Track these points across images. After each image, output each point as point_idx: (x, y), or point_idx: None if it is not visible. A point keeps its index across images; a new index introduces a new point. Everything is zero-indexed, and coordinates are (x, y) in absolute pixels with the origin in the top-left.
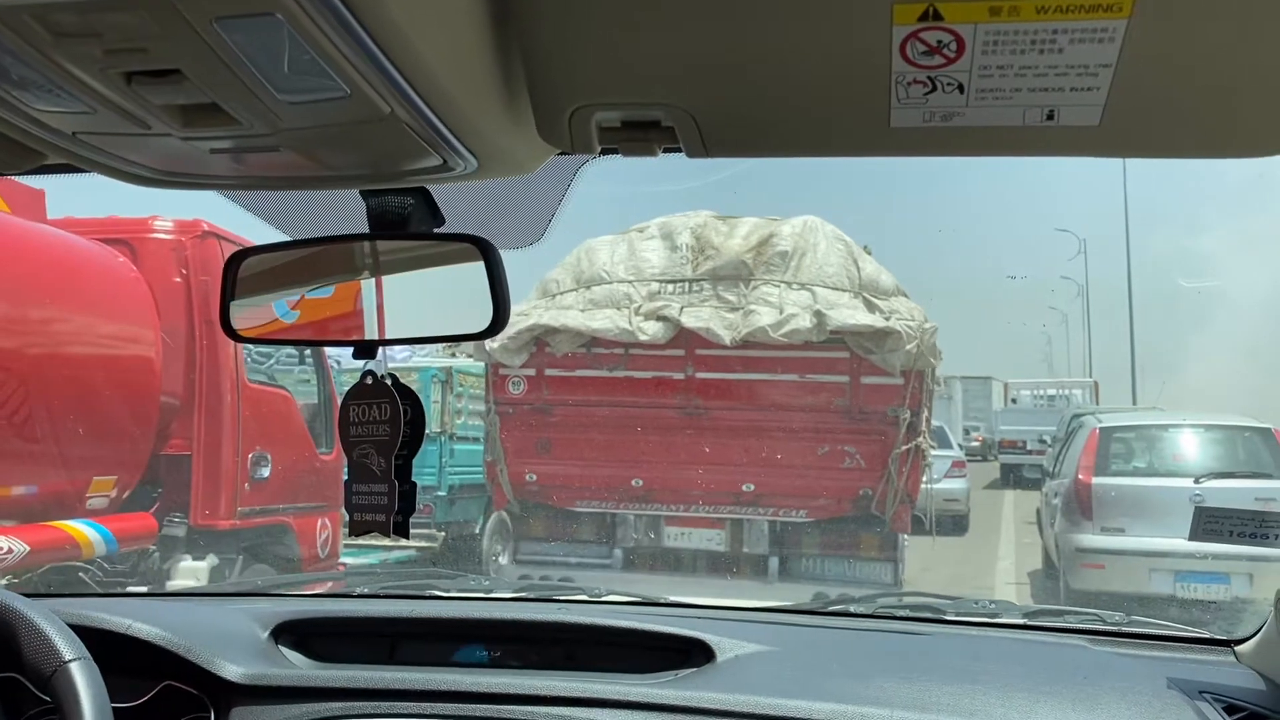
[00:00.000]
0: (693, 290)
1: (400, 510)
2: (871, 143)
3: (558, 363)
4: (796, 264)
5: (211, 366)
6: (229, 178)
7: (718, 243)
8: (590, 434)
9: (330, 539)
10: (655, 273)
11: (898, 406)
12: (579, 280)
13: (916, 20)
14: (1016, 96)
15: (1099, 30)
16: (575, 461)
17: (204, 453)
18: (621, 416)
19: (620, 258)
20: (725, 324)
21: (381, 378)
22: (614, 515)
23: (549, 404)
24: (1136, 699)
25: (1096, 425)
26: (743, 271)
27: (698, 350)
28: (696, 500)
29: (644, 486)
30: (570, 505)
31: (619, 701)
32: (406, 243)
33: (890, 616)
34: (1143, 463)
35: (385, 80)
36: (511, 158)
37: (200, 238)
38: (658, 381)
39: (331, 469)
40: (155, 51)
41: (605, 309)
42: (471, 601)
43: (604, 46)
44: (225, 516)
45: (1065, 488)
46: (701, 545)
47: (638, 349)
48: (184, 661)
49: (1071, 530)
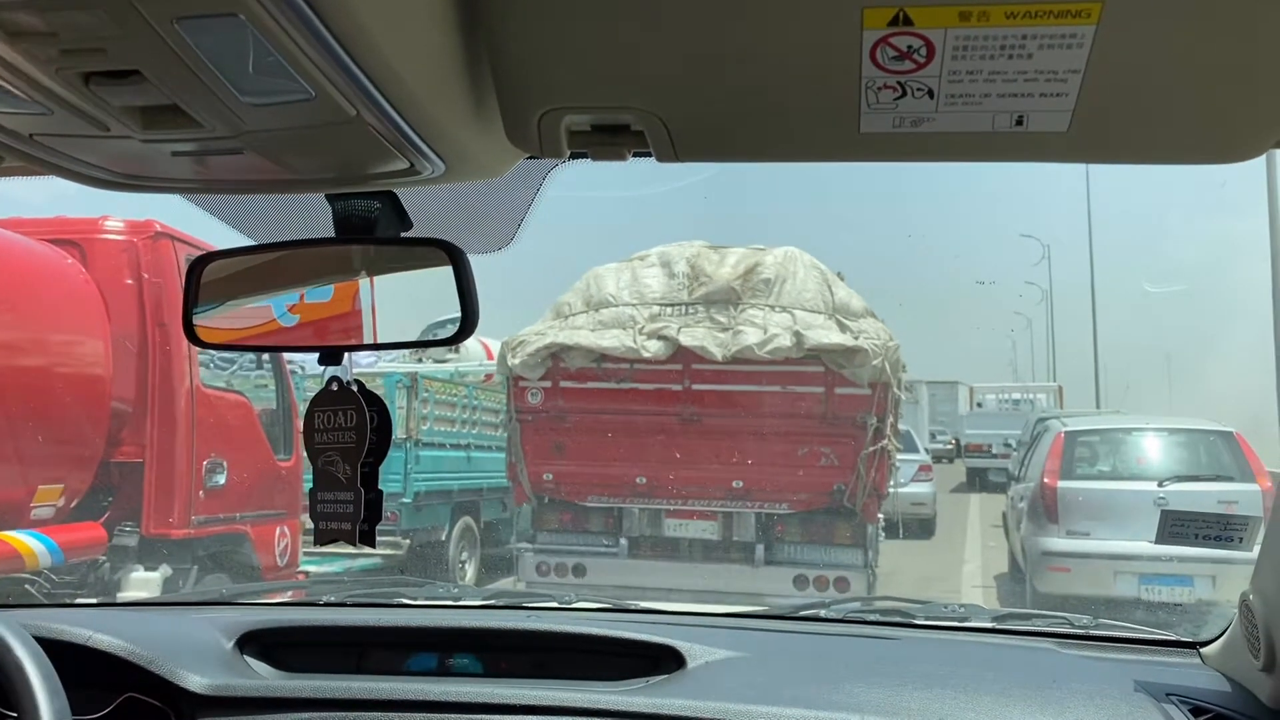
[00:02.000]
0: (689, 313)
1: (366, 519)
2: (841, 148)
3: (571, 376)
4: (778, 290)
5: (164, 371)
6: (191, 181)
7: (710, 270)
8: (600, 438)
9: (289, 548)
10: (656, 297)
11: (866, 413)
12: (589, 303)
13: (886, 25)
14: (986, 102)
15: (1068, 36)
16: (586, 462)
17: (156, 460)
18: (627, 423)
19: (625, 283)
20: (717, 342)
21: (347, 384)
22: (620, 509)
23: (564, 412)
24: (1104, 702)
25: (1062, 429)
26: (732, 296)
27: (693, 365)
28: (692, 495)
29: (647, 484)
30: (582, 500)
31: (589, 709)
32: (374, 247)
33: (860, 621)
34: (1107, 466)
35: (350, 82)
36: (479, 161)
37: (153, 238)
38: (659, 392)
39: (291, 476)
40: (114, 52)
41: (613, 329)
42: (439, 610)
43: (573, 50)
44: (179, 525)
45: (1031, 491)
46: (697, 535)
47: (641, 364)
48: (146, 673)
49: (1037, 534)
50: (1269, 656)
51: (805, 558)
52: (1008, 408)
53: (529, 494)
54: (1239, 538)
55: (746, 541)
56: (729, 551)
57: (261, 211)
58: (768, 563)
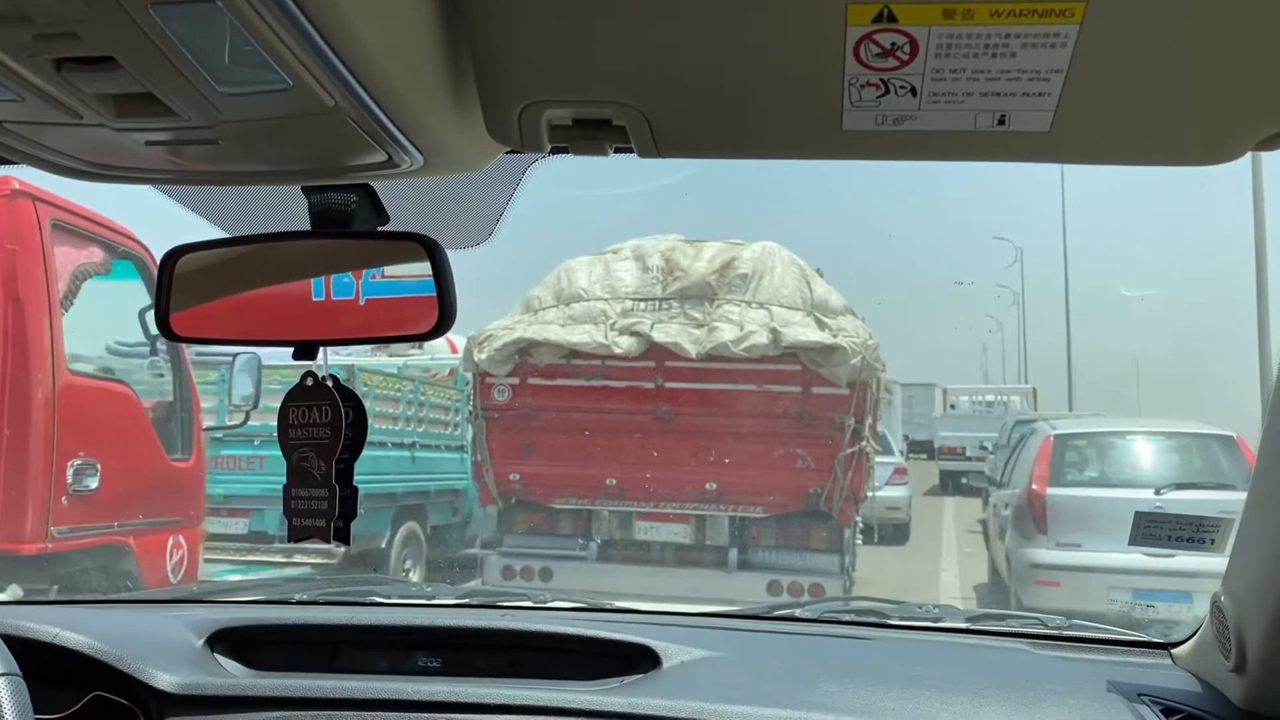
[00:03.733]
0: (662, 308)
1: (341, 515)
2: (824, 145)
3: (540, 372)
4: (755, 285)
5: (18, 354)
6: (166, 172)
7: (685, 265)
8: (569, 437)
9: (185, 560)
10: (629, 291)
11: (844, 414)
12: (559, 298)
13: (871, 22)
14: (968, 101)
15: (1051, 35)
16: (555, 462)
17: (5, 459)
18: (598, 422)
19: (597, 277)
20: (691, 339)
21: (322, 379)
22: (590, 511)
23: (532, 410)
24: (1077, 702)
25: (1050, 432)
26: (707, 292)
27: (667, 362)
28: (664, 497)
29: (617, 485)
30: (550, 502)
31: (565, 709)
32: (351, 241)
33: (836, 621)
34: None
35: (329, 72)
36: (459, 155)
37: (9, 198)
38: (631, 390)
39: (190, 479)
40: (88, 37)
41: (584, 324)
42: (413, 608)
43: (555, 42)
44: (32, 538)
45: (1017, 499)
46: (669, 538)
47: (613, 361)
48: (114, 671)
49: (1024, 545)
50: (1240, 657)
51: (780, 563)
52: (981, 409)
53: (495, 495)
54: (1211, 539)
55: (719, 545)
56: (701, 555)
57: (235, 203)
58: (741, 567)
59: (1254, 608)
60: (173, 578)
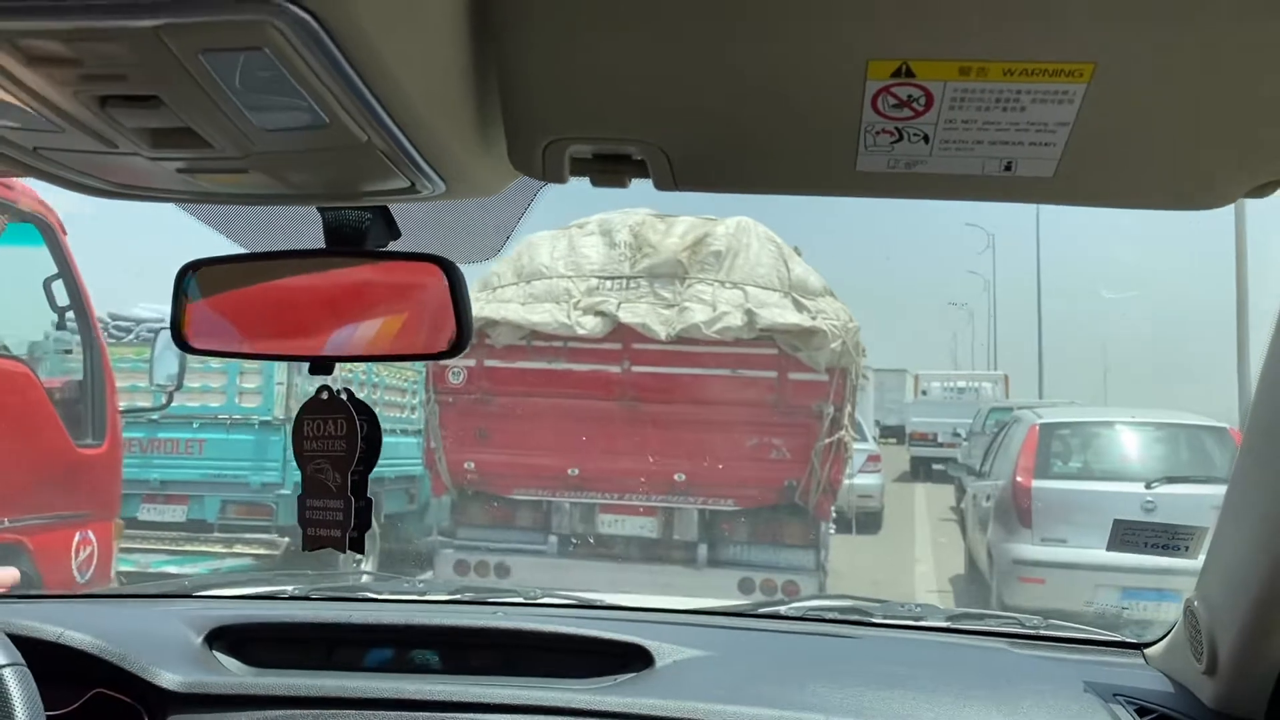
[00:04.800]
0: (630, 287)
1: (356, 526)
2: (836, 184)
3: (497, 354)
4: (729, 263)
5: None
6: (189, 193)
7: (655, 241)
8: (528, 424)
9: (94, 557)
10: (594, 269)
11: (822, 402)
12: (519, 274)
13: (890, 76)
14: (978, 149)
15: (1059, 92)
16: (513, 451)
17: None
18: (559, 407)
19: (560, 253)
20: (661, 320)
21: (337, 393)
22: (550, 503)
23: (488, 394)
24: (1055, 702)
25: (1036, 421)
26: (678, 270)
27: (634, 345)
28: (630, 489)
29: (580, 475)
30: (507, 493)
31: (562, 709)
32: (366, 259)
33: (819, 619)
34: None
35: (365, 110)
36: (479, 182)
37: None
38: (595, 374)
39: (101, 467)
40: (135, 79)
41: (545, 303)
42: (407, 604)
43: (581, 83)
44: None
45: (1000, 491)
46: (634, 532)
47: (576, 342)
48: (116, 669)
49: (1007, 539)
50: (1211, 660)
51: (752, 558)
52: (952, 396)
53: (448, 484)
54: (1185, 546)
55: (688, 540)
56: (669, 551)
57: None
58: (711, 564)
59: (1226, 612)
60: (79, 577)
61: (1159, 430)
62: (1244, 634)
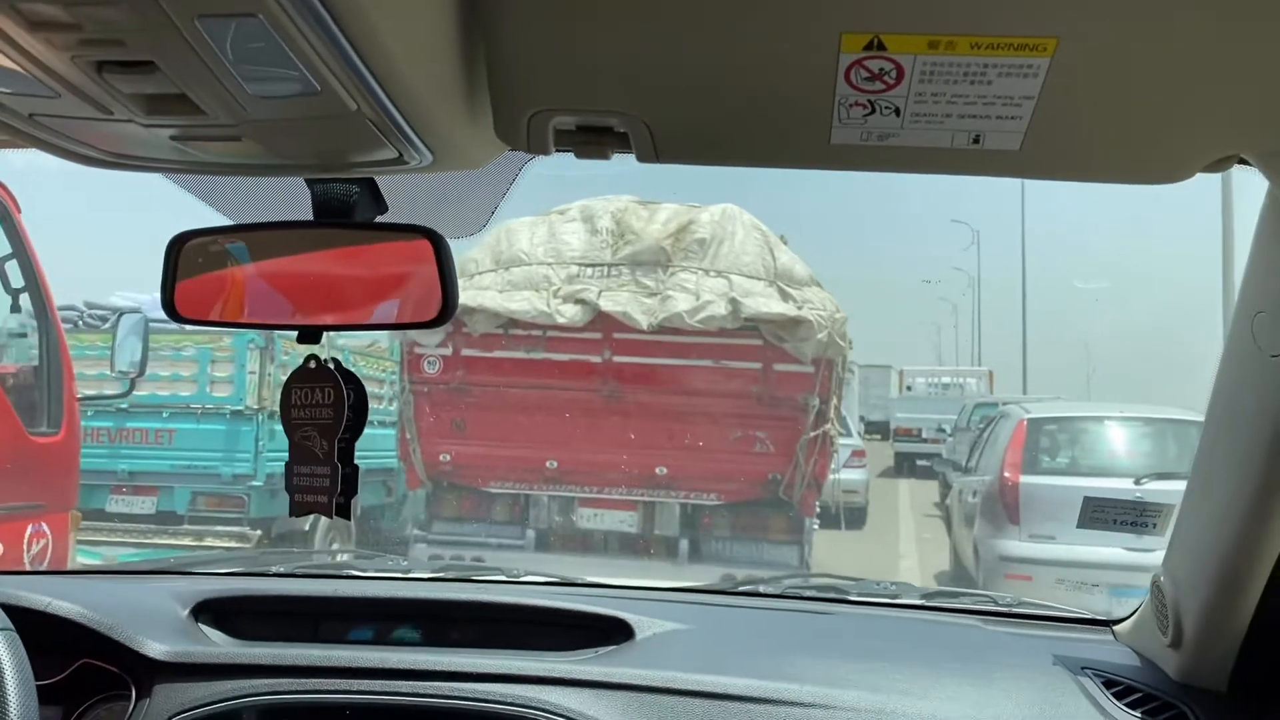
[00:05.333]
0: (611, 274)
1: (343, 492)
2: (812, 157)
3: (474, 343)
4: (714, 251)
5: None
6: (179, 163)
7: (637, 228)
8: (506, 415)
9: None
10: (575, 256)
11: (808, 394)
12: (498, 261)
13: (862, 49)
14: (947, 122)
15: (1024, 66)
16: (490, 442)
17: None
18: (537, 398)
19: (540, 239)
20: (643, 309)
21: (325, 362)
22: (528, 496)
23: (465, 384)
24: (1025, 674)
25: (1024, 416)
26: (661, 257)
27: (615, 334)
28: (610, 482)
29: (558, 468)
30: (484, 485)
31: (543, 678)
32: (354, 231)
33: (798, 596)
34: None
35: (356, 79)
36: (466, 153)
37: None
38: (575, 364)
39: (57, 456)
40: (132, 44)
41: (523, 290)
42: (391, 581)
43: (565, 55)
44: None
45: (987, 486)
46: (614, 527)
47: (555, 331)
48: (104, 639)
49: (994, 535)
50: (1176, 633)
51: (734, 554)
52: (937, 391)
53: (423, 477)
54: (1153, 523)
55: (669, 536)
56: (649, 546)
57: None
58: (692, 559)
59: (1190, 587)
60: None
61: (1148, 425)
62: (1207, 608)
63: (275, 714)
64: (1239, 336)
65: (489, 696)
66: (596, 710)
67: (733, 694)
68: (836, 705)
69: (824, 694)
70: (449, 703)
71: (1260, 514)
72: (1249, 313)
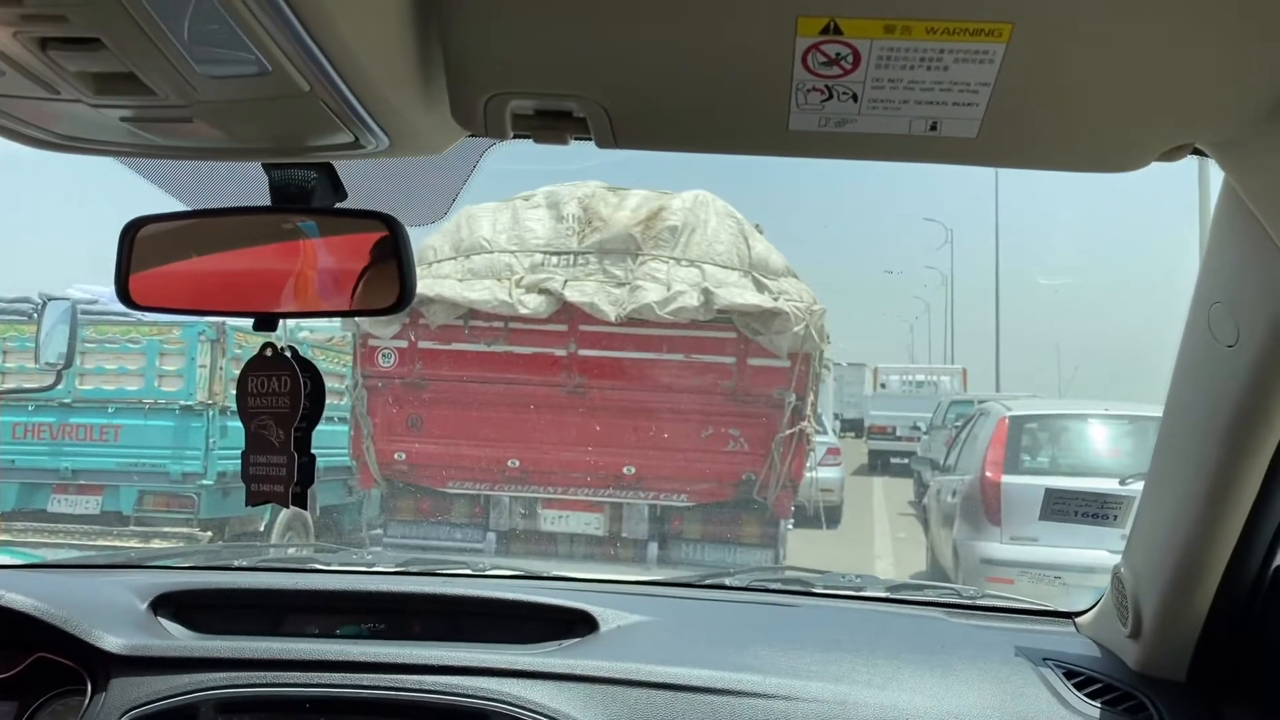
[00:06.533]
0: (578, 263)
1: (299, 482)
2: (770, 143)
3: (432, 335)
4: (686, 240)
5: None
6: (133, 146)
7: (606, 214)
8: (465, 411)
9: None
10: (539, 243)
11: (784, 390)
12: (458, 248)
13: (819, 33)
14: (904, 108)
15: (980, 52)
16: (448, 440)
17: None
18: (499, 394)
19: (503, 226)
20: (610, 299)
21: (281, 350)
22: (488, 497)
23: (422, 379)
24: (987, 666)
25: (1005, 413)
26: (630, 245)
27: (581, 326)
28: (575, 482)
29: (520, 467)
30: (442, 486)
31: (505, 670)
32: (311, 217)
33: (763, 589)
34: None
35: (306, 58)
36: (424, 138)
37: None
38: (538, 357)
39: None
40: (76, 20)
41: (484, 279)
42: (355, 575)
43: (521, 38)
44: None
45: (966, 486)
46: (579, 529)
47: (518, 323)
48: (59, 633)
49: (974, 537)
50: (1135, 624)
51: (706, 558)
52: (911, 389)
53: (377, 477)
54: (1114, 515)
55: (637, 538)
56: (616, 549)
57: (195, 177)
58: (661, 563)
59: (1149, 579)
60: None
61: (1132, 424)
62: (1165, 598)
63: (234, 707)
64: (1195, 328)
65: (450, 689)
66: (559, 702)
67: (695, 685)
68: (799, 696)
69: (787, 685)
70: (410, 695)
71: (1216, 504)
72: (1205, 304)
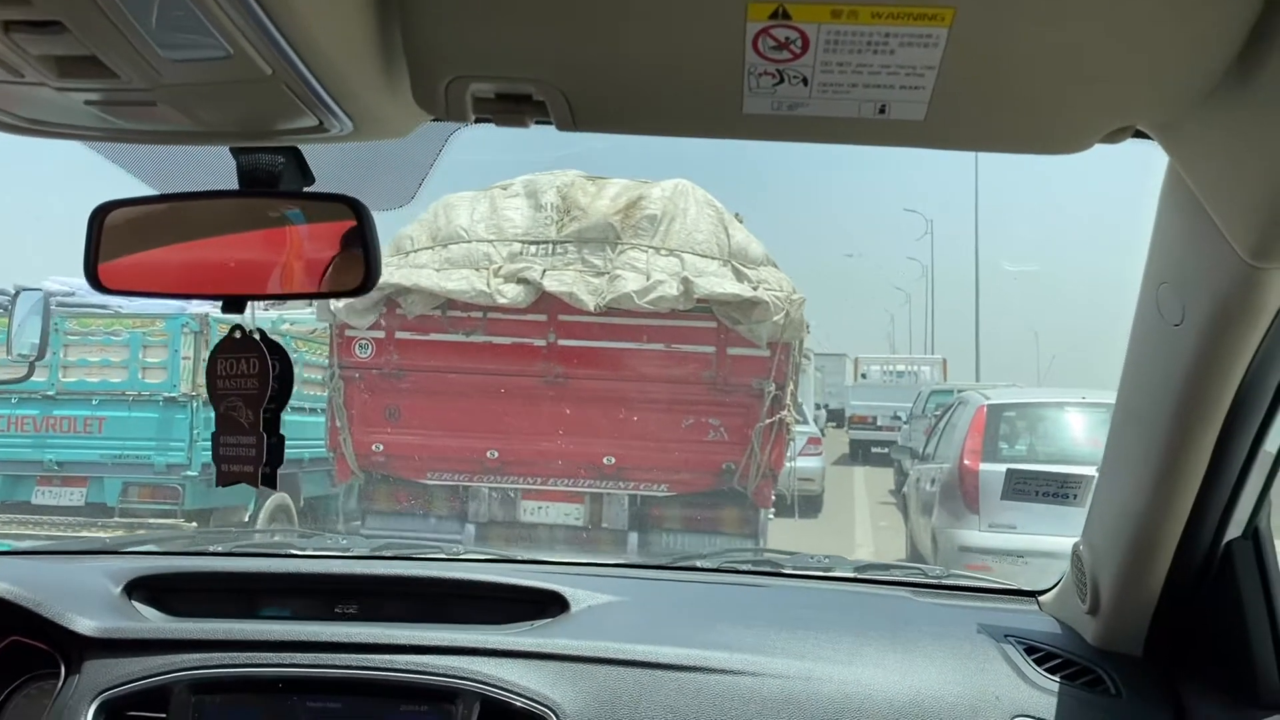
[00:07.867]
0: (556, 252)
1: (268, 462)
2: (725, 127)
3: (409, 325)
4: (665, 229)
5: None
6: (98, 130)
7: (584, 203)
8: (443, 402)
9: None
10: (518, 232)
11: (763, 379)
12: (435, 238)
13: (768, 18)
14: (854, 91)
15: (924, 36)
16: (426, 431)
17: None
18: (477, 384)
19: (481, 215)
20: (589, 289)
21: (250, 332)
22: (467, 488)
23: (399, 369)
24: (949, 642)
25: (983, 402)
26: (609, 234)
27: (560, 316)
28: (554, 473)
29: (499, 458)
30: (420, 478)
31: (477, 649)
32: (278, 200)
33: (734, 570)
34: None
35: (267, 41)
36: (387, 122)
37: None
38: (517, 348)
39: None
40: (38, 2)
41: (462, 269)
42: (330, 559)
43: (481, 21)
44: None
45: (945, 474)
46: (559, 520)
47: (496, 313)
48: (33, 616)
49: (953, 525)
50: (1094, 600)
51: (685, 548)
52: (892, 379)
53: (354, 468)
54: (1074, 494)
55: (617, 529)
56: (596, 540)
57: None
58: (641, 554)
59: (1106, 556)
60: None
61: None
62: (1120, 575)
63: (206, 688)
64: (1145, 309)
65: (422, 668)
66: (530, 680)
67: (664, 663)
68: (764, 672)
69: (753, 661)
70: (382, 675)
71: (1167, 482)
72: (1153, 284)
